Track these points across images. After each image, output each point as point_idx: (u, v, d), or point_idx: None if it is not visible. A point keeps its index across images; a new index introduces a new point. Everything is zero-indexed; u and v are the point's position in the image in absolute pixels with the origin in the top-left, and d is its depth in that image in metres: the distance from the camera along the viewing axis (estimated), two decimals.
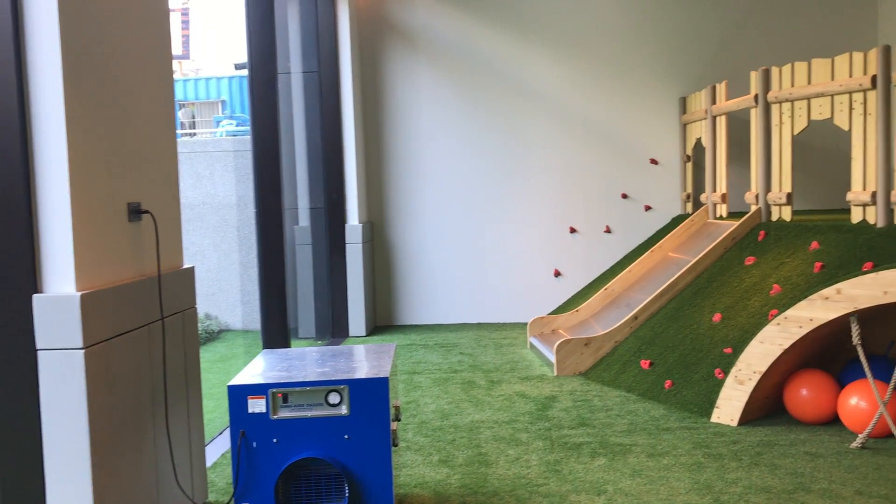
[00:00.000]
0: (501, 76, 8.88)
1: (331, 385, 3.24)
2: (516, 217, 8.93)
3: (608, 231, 8.92)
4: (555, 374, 6.36)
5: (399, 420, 3.68)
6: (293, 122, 8.25)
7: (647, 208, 8.93)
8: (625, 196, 8.92)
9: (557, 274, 8.91)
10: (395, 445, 3.42)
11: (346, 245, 8.28)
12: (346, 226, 8.30)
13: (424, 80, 8.90)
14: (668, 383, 5.47)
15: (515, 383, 6.11)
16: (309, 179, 8.30)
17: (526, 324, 8.48)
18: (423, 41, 8.89)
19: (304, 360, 3.67)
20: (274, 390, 3.23)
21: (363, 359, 3.68)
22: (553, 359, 6.42)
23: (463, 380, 6.24)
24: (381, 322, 8.98)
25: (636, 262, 7.69)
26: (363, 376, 3.27)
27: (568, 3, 8.85)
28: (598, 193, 8.93)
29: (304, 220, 8.27)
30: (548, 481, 4.01)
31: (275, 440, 3.23)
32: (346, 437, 3.24)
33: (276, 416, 3.24)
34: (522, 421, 5.08)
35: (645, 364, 5.85)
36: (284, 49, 8.09)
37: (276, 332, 6.05)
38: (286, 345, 6.06)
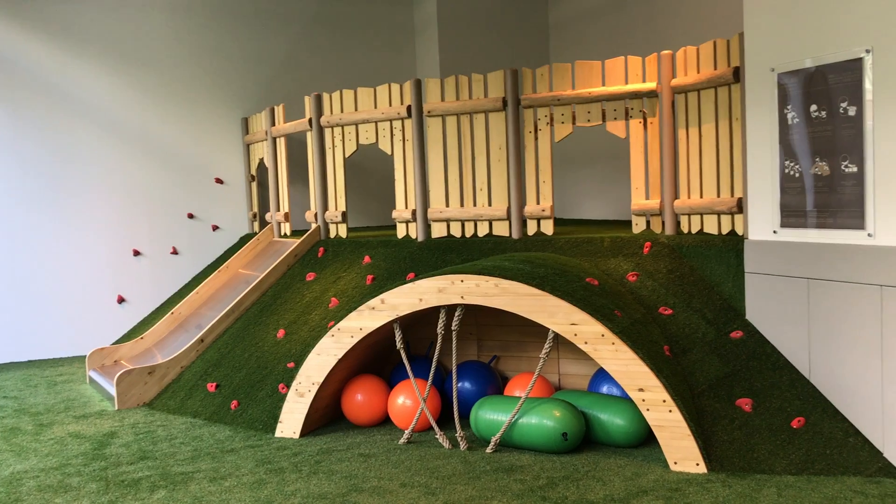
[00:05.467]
0: (48, 89, 8.09)
1: None
2: (71, 241, 8.19)
3: (175, 252, 8.64)
4: (116, 408, 5.94)
5: None
6: None
7: (215, 228, 8.85)
8: (191, 216, 8.73)
9: (121, 300, 8.38)
10: None
11: None
12: None
13: None
14: (234, 404, 5.44)
15: (70, 423, 5.57)
16: None
17: (86, 356, 7.81)
18: None
19: None
20: None
21: None
22: (114, 392, 5.99)
23: (4, 427, 5.51)
24: None
25: (204, 282, 7.56)
26: None
27: (124, 17, 8.40)
28: (163, 214, 8.60)
29: None
30: None
31: None
32: None
33: None
34: (75, 464, 4.64)
35: (211, 387, 5.75)
36: None
37: None
38: None
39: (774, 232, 4.49)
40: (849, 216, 4.05)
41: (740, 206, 4.92)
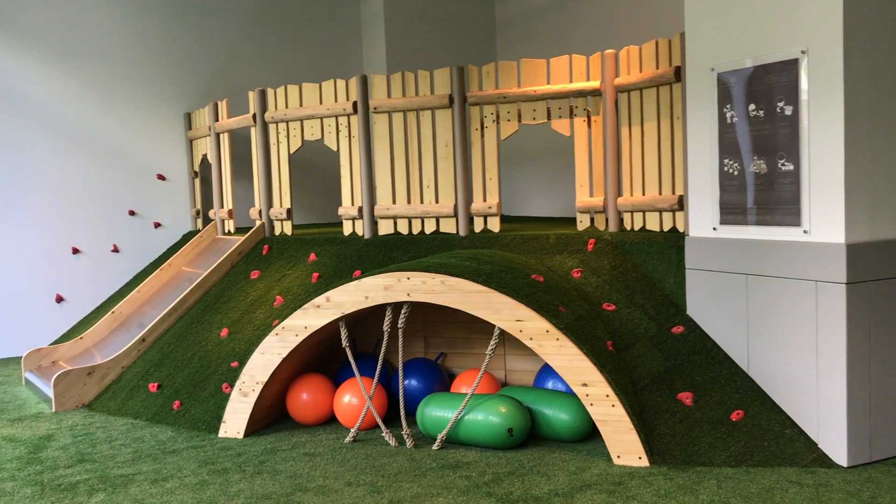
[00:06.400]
0: None
1: None
2: (6, 238, 7.94)
3: (116, 250, 8.44)
4: (53, 410, 5.78)
5: None
6: None
7: (157, 225, 8.67)
8: (132, 213, 8.54)
9: (60, 299, 8.15)
10: None
11: None
12: None
13: None
14: (176, 404, 5.34)
15: (3, 427, 5.40)
16: None
17: (22, 357, 7.57)
18: None
19: None
20: None
21: None
22: (51, 393, 5.83)
23: None
24: None
25: (145, 281, 7.40)
26: None
27: (63, 8, 8.15)
28: (103, 211, 8.39)
29: None
30: None
31: None
32: None
33: None
34: (8, 469, 4.51)
35: (153, 387, 5.64)
36: None
37: None
38: None
39: (714, 229, 4.58)
40: (785, 213, 4.15)
41: (681, 204, 5.00)
